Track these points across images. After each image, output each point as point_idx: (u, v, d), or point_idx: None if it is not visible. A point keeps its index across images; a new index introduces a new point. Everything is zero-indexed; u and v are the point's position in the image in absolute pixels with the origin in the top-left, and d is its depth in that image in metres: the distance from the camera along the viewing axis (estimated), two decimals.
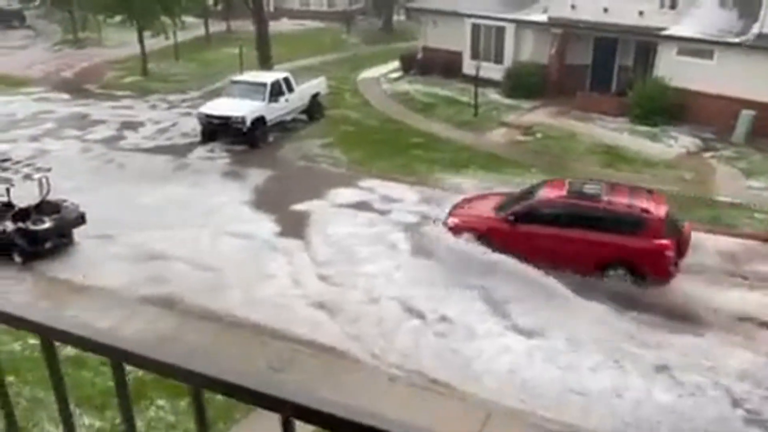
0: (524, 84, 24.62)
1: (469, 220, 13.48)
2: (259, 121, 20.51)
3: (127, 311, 11.38)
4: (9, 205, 13.74)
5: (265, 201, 16.50)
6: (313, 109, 23.14)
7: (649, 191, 13.54)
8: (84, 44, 36.99)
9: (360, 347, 10.68)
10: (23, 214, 13.57)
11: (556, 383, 9.75)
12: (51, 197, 13.96)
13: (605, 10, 22.99)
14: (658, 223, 12.29)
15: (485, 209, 13.69)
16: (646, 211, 12.44)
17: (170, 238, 13.99)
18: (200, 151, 20.52)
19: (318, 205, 16.22)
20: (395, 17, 42.57)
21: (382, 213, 15.69)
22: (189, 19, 32.43)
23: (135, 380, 8.42)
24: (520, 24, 25.61)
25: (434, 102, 25.08)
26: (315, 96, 23.28)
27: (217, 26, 38.08)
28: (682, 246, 12.54)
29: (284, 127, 21.98)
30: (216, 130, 20.72)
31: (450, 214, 13.92)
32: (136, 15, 28.27)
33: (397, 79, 28.70)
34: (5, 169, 13.59)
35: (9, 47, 36.42)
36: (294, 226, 14.92)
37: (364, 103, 25.72)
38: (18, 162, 14.42)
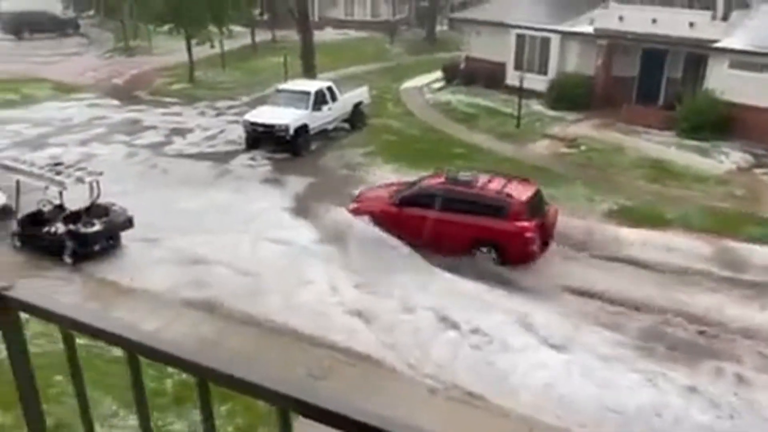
0: (568, 95, 24.27)
1: (367, 204, 15.29)
2: (303, 129, 20.71)
3: (172, 313, 11.62)
4: (61, 207, 14.20)
5: (305, 208, 16.64)
6: (356, 117, 23.26)
7: (525, 179, 14.75)
8: (134, 52, 38.00)
9: (396, 356, 10.69)
10: (74, 217, 14.00)
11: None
12: (100, 201, 14.36)
13: (654, 21, 22.54)
14: (520, 206, 13.58)
15: (382, 196, 15.44)
16: (509, 195, 13.74)
17: (212, 242, 14.22)
18: (243, 158, 20.82)
19: None
20: (438, 27, 42.56)
21: None
22: (236, 29, 33.02)
23: (179, 384, 8.61)
24: (566, 35, 25.32)
25: (476, 112, 24.95)
26: (357, 105, 23.41)
27: (262, 35, 38.66)
28: (547, 229, 13.86)
29: (327, 135, 22.17)
30: (260, 137, 21.04)
31: (354, 200, 15.74)
32: (186, 24, 28.97)
33: (439, 89, 28.66)
34: (58, 173, 14.02)
35: (63, 54, 37.64)
36: (333, 234, 14.99)
37: (406, 112, 25.76)
38: (70, 166, 14.86)
